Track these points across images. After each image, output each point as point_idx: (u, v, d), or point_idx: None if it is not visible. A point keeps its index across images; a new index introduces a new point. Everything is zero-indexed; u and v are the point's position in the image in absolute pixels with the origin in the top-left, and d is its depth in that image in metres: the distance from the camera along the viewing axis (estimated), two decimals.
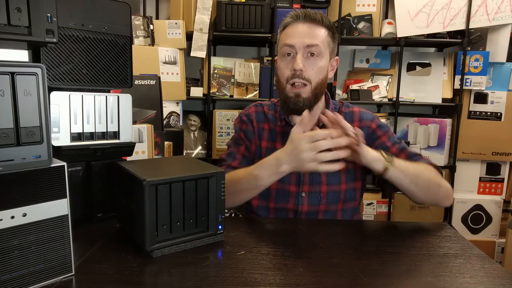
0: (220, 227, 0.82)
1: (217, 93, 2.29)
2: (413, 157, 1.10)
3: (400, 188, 1.02)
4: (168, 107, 2.11)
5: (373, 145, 1.10)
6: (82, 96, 0.85)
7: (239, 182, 1.01)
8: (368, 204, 2.32)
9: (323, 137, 0.89)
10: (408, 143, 2.32)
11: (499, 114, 2.24)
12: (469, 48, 2.25)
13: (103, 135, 0.89)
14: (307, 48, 1.03)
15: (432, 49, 2.52)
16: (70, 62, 0.83)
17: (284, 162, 0.93)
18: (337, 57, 1.14)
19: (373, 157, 0.95)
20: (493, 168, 2.32)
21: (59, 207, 0.63)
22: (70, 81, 0.84)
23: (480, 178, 2.34)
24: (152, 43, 2.11)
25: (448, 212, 2.37)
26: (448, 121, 2.26)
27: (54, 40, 0.64)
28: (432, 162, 1.10)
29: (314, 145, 0.89)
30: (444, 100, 2.30)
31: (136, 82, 1.61)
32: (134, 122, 1.39)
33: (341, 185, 1.11)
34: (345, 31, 2.23)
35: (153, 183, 0.71)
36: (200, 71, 2.42)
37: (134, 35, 2.08)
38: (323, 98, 1.14)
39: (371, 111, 1.19)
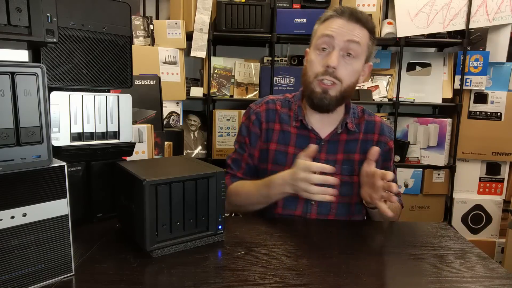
0: (220, 227, 0.82)
1: (217, 93, 2.29)
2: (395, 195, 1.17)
3: (372, 217, 1.10)
4: (168, 107, 2.11)
5: (383, 163, 1.12)
6: (82, 96, 0.85)
7: (248, 197, 1.05)
8: None
9: (317, 170, 0.90)
10: (408, 143, 2.32)
11: (499, 114, 2.24)
12: (469, 48, 2.25)
13: (103, 135, 0.89)
14: (347, 44, 0.97)
15: (432, 49, 2.52)
16: (70, 62, 0.83)
17: (287, 184, 0.95)
18: (371, 63, 1.08)
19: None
20: (493, 168, 2.32)
21: (59, 207, 0.63)
22: (70, 81, 0.84)
23: (480, 178, 2.34)
24: (152, 43, 2.11)
25: (448, 212, 2.37)
26: (448, 121, 2.26)
27: (54, 40, 0.64)
28: (402, 202, 1.17)
29: (307, 177, 0.90)
30: (444, 100, 2.31)
31: (136, 82, 1.61)
32: (134, 122, 1.39)
33: (353, 197, 1.07)
34: None
35: (153, 183, 0.71)
36: (200, 71, 2.42)
37: (134, 35, 2.08)
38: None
39: (390, 125, 1.16)
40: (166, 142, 1.45)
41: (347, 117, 1.09)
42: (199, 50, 2.18)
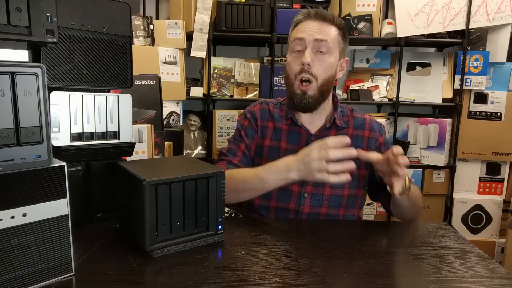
0: (220, 227, 0.82)
1: (217, 93, 2.29)
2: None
3: (396, 207, 1.08)
4: (168, 107, 2.11)
5: None
6: (82, 96, 0.85)
7: (244, 181, 1.01)
8: (368, 204, 2.32)
9: (334, 146, 0.88)
10: (408, 143, 2.32)
11: (499, 114, 2.24)
12: (469, 48, 2.25)
13: (103, 135, 0.89)
14: (317, 43, 1.04)
15: (432, 49, 2.52)
16: (70, 62, 0.83)
17: (293, 169, 0.93)
18: (347, 58, 1.14)
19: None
20: (493, 168, 2.32)
21: (59, 207, 0.63)
22: (70, 81, 0.83)
23: (480, 178, 2.34)
24: (152, 43, 2.11)
25: (448, 212, 2.37)
26: (448, 121, 2.26)
27: (54, 40, 0.64)
28: (417, 186, 1.17)
29: (324, 154, 0.88)
30: (444, 100, 2.30)
31: (136, 82, 1.60)
32: (134, 122, 1.39)
33: (344, 190, 1.10)
34: None
35: (153, 183, 0.71)
36: (200, 71, 2.42)
37: (134, 35, 2.08)
38: (330, 101, 1.15)
39: (379, 121, 1.20)
40: (166, 142, 1.45)
41: (334, 113, 1.14)
42: (199, 50, 2.18)
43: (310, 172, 0.90)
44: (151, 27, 2.10)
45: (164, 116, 1.96)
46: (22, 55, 0.64)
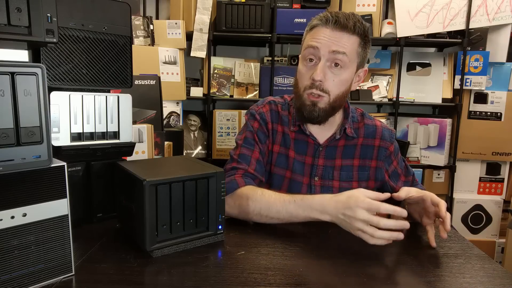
0: (220, 227, 0.82)
1: (217, 93, 2.29)
2: (416, 186, 1.16)
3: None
4: (168, 107, 2.11)
5: (389, 167, 1.13)
6: (82, 96, 0.85)
7: (269, 209, 0.91)
8: None
9: (384, 212, 0.77)
10: (408, 143, 2.32)
11: (499, 114, 2.24)
12: (469, 48, 2.25)
13: (103, 135, 0.89)
14: (332, 55, 0.95)
15: (432, 49, 2.52)
16: (70, 62, 0.83)
17: (329, 214, 0.85)
18: (366, 68, 1.06)
19: None
20: (493, 168, 2.32)
21: (59, 207, 0.63)
22: (70, 81, 0.84)
23: (480, 178, 2.34)
24: (152, 43, 2.11)
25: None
26: (448, 121, 2.26)
27: (54, 40, 0.64)
28: (424, 188, 1.14)
29: (374, 221, 0.77)
30: (444, 100, 2.31)
31: (136, 82, 1.61)
32: (134, 122, 1.39)
33: None
34: None
35: (153, 183, 0.71)
36: (200, 71, 2.42)
37: (134, 35, 2.08)
38: (341, 109, 1.09)
39: (390, 127, 1.15)
40: (166, 142, 1.45)
41: (345, 122, 1.08)
42: (199, 50, 2.18)
43: (348, 227, 0.82)
44: (151, 27, 2.10)
45: (164, 116, 1.96)
46: (22, 55, 0.64)
